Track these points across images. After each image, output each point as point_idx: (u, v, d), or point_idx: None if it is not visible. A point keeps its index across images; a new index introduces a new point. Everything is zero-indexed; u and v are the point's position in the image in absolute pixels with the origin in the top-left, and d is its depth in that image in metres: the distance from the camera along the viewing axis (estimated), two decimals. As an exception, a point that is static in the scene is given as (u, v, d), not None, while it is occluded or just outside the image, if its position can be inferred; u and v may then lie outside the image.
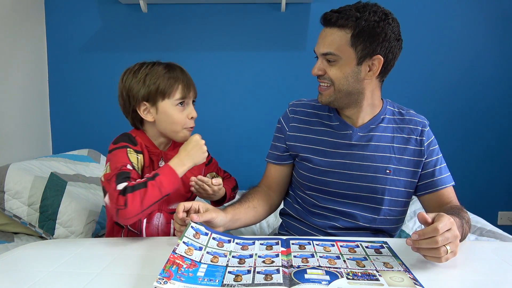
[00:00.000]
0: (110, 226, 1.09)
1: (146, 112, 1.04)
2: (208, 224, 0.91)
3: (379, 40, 0.95)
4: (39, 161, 1.65)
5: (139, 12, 2.19)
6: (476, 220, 1.61)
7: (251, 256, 0.79)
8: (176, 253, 0.74)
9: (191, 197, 1.16)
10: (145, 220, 1.04)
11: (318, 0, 2.13)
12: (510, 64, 2.21)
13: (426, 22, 2.17)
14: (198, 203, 0.92)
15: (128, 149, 1.00)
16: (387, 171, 1.03)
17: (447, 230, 0.71)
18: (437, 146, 1.08)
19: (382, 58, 0.96)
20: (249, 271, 0.71)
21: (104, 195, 0.93)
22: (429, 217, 0.74)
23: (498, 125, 2.26)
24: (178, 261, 0.71)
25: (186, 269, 0.70)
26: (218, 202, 1.17)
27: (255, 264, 0.74)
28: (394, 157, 1.04)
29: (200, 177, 1.04)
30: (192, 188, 1.06)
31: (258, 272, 0.70)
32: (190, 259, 0.74)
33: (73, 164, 1.76)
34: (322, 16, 0.99)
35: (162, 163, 1.07)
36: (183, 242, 0.78)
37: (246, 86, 2.26)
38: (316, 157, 1.08)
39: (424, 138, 1.05)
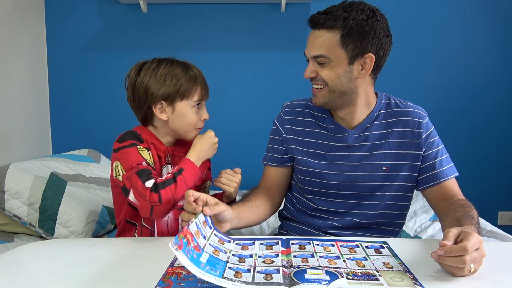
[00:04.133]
0: (122, 225, 1.07)
1: (161, 111, 1.04)
2: (217, 218, 0.90)
3: (369, 38, 0.94)
4: (39, 161, 1.65)
5: (139, 12, 2.19)
6: (476, 220, 1.61)
7: (251, 256, 0.79)
8: (189, 228, 0.74)
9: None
10: None
11: (318, 0, 2.13)
12: (511, 65, 2.21)
13: (427, 23, 2.17)
14: (206, 195, 0.91)
15: (138, 146, 1.00)
16: (384, 168, 1.03)
17: (475, 250, 0.68)
18: (437, 137, 1.06)
19: (374, 56, 0.96)
20: (249, 270, 0.71)
21: (126, 194, 0.94)
22: (453, 234, 0.71)
23: (498, 126, 2.25)
24: (189, 237, 0.71)
25: (192, 248, 0.70)
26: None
27: (255, 264, 0.74)
28: (390, 153, 1.03)
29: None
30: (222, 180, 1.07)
31: (258, 272, 0.70)
32: (197, 242, 0.74)
33: (73, 164, 1.76)
34: (309, 19, 0.98)
35: (169, 160, 1.08)
36: (195, 223, 0.78)
37: (246, 86, 2.26)
38: (314, 160, 1.07)
39: (422, 130, 1.03)
